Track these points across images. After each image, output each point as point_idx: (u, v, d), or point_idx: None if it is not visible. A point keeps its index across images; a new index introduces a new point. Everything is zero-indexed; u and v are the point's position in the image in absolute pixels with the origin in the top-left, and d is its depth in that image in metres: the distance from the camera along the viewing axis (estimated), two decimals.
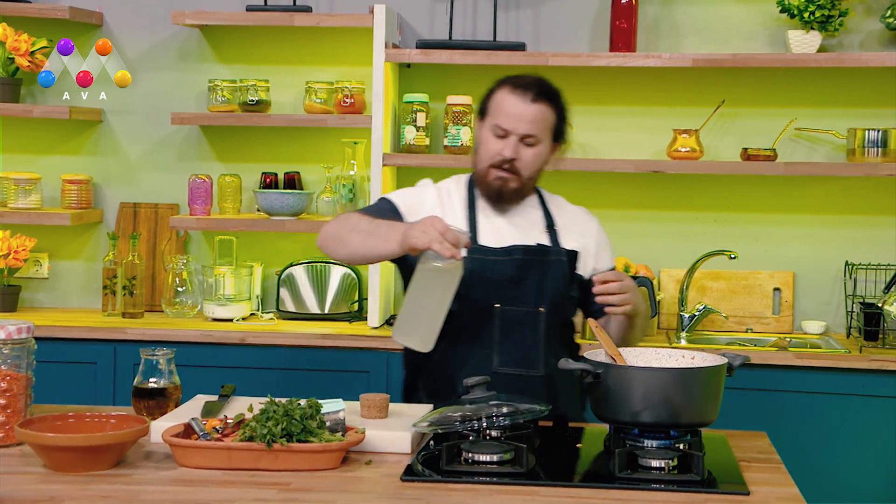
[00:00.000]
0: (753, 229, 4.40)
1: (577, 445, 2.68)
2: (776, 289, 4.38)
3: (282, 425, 2.40)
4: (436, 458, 2.48)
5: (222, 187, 4.49)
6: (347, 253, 2.94)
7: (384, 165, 4.23)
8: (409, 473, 2.39)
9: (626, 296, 2.86)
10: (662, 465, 2.38)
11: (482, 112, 3.04)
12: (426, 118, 4.33)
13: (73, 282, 4.68)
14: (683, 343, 4.16)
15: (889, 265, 4.27)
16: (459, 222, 3.01)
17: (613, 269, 3.12)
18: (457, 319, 2.93)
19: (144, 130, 4.64)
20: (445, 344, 2.95)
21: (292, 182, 4.48)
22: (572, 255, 3.03)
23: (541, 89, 2.97)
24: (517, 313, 2.96)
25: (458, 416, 2.52)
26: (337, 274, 4.43)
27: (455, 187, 3.12)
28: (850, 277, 4.27)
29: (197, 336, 4.14)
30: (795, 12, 4.18)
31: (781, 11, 4.22)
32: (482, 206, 3.06)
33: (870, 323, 4.02)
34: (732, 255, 4.19)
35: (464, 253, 2.77)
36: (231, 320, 4.32)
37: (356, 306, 4.40)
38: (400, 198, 3.08)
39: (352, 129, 4.37)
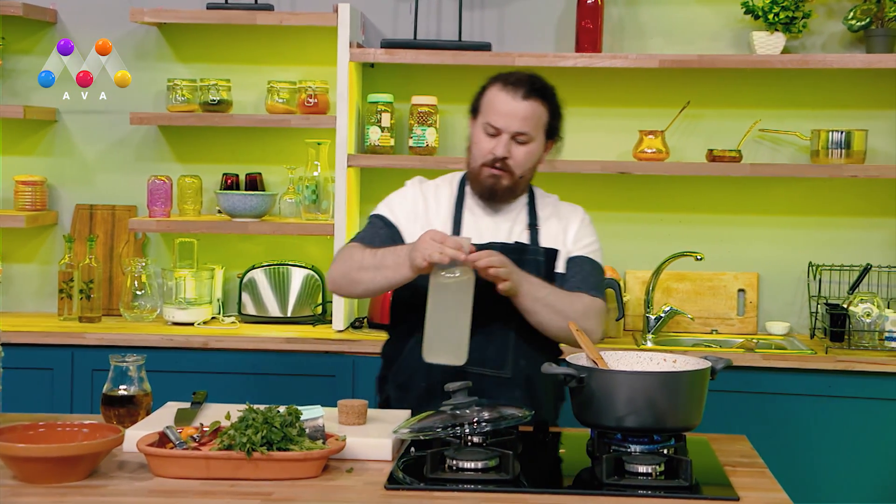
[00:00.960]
0: (718, 230, 4.40)
1: (561, 451, 2.64)
2: (741, 290, 4.38)
3: (262, 433, 2.34)
4: (417, 466, 2.44)
5: (182, 188, 4.41)
6: (363, 291, 2.96)
7: (349, 166, 4.17)
8: (393, 482, 2.35)
9: (503, 269, 2.77)
10: (649, 470, 2.36)
11: (475, 110, 3.02)
12: (391, 119, 4.28)
13: (27, 285, 4.58)
14: (650, 345, 4.14)
15: (853, 266, 4.28)
16: (444, 221, 3.00)
17: (591, 260, 3.04)
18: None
19: (101, 130, 4.54)
20: (416, 339, 2.92)
21: (254, 183, 4.41)
22: (550, 254, 3.00)
23: (532, 86, 2.95)
24: (489, 312, 2.90)
25: (439, 422, 2.48)
26: (299, 276, 4.36)
27: (446, 185, 3.09)
28: (815, 278, 4.28)
29: (158, 341, 4.06)
30: (760, 14, 4.18)
31: (746, 13, 4.22)
32: (470, 204, 3.03)
33: (836, 324, 4.03)
34: (699, 257, 4.19)
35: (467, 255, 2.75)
36: (192, 324, 4.24)
37: (320, 309, 4.34)
38: (388, 208, 3.07)
39: (315, 129, 4.31)
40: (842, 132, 4.15)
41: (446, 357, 2.77)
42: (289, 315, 4.35)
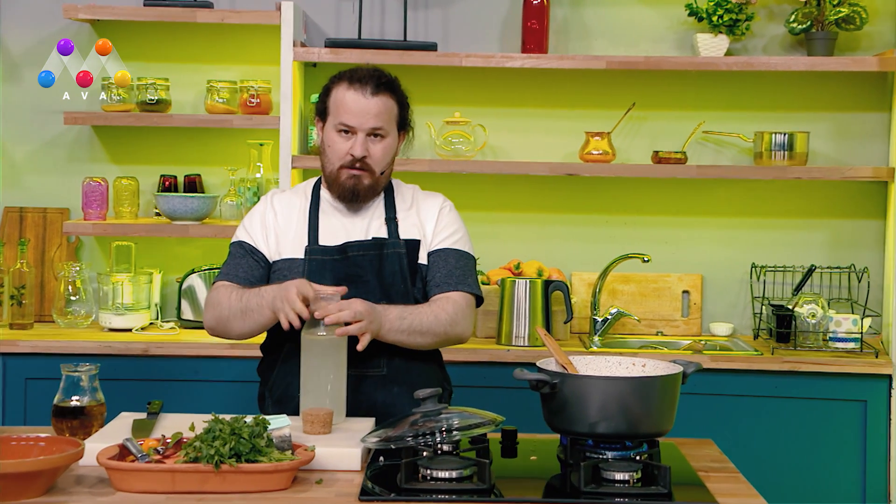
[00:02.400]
0: (663, 232, 4.40)
1: (532, 458, 2.60)
2: (685, 291, 4.38)
3: (230, 445, 2.26)
4: (387, 475, 2.38)
5: (118, 190, 4.29)
6: (238, 335, 2.93)
7: (293, 168, 4.09)
8: (367, 493, 2.28)
9: (361, 324, 2.70)
10: (626, 477, 2.32)
11: (322, 112, 2.97)
12: None
13: None
14: (596, 347, 4.12)
15: (795, 267, 4.31)
16: (297, 229, 2.96)
17: (456, 251, 2.98)
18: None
19: (30, 130, 4.40)
20: (287, 349, 2.90)
21: (193, 185, 4.31)
22: (412, 245, 2.95)
23: (379, 81, 2.92)
24: None
25: (409, 430, 2.42)
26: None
27: (299, 193, 3.05)
28: (758, 279, 4.30)
29: (95, 347, 3.93)
30: (704, 15, 4.19)
31: (690, 15, 4.23)
32: (326, 208, 3.00)
33: (782, 325, 4.05)
34: (646, 258, 4.18)
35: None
36: (130, 330, 4.12)
37: None
38: (244, 230, 3.03)
39: (257, 130, 4.22)
40: (784, 134, 4.17)
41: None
42: None
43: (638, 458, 2.44)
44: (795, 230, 4.38)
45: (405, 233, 2.96)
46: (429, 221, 3.01)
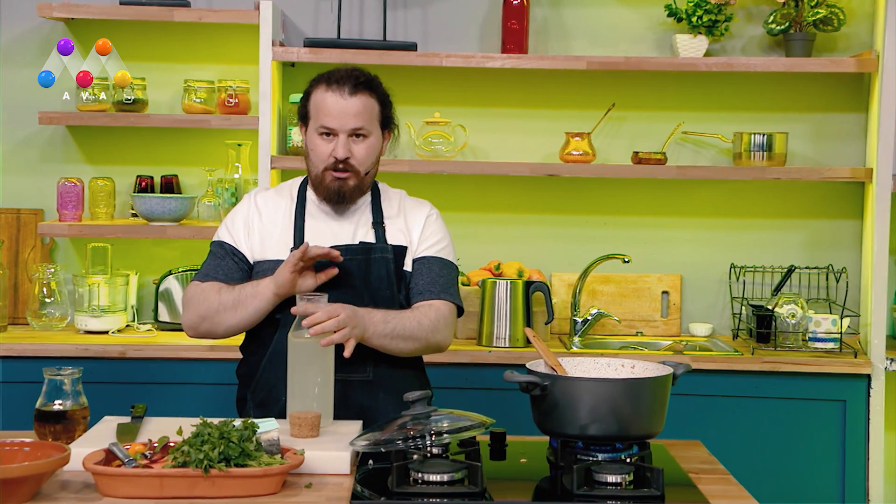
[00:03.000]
0: (642, 232, 4.39)
1: (522, 460, 2.58)
2: (664, 292, 4.38)
3: (219, 449, 2.23)
4: (377, 479, 2.36)
5: (94, 191, 4.24)
6: (227, 329, 2.90)
7: (272, 168, 4.06)
8: (358, 497, 2.26)
9: (345, 331, 2.69)
10: (619, 480, 2.31)
11: (304, 117, 2.95)
12: None
13: None
14: (577, 348, 4.11)
15: (774, 267, 4.32)
16: (283, 230, 2.94)
17: (440, 260, 2.98)
18: (279, 327, 2.87)
19: (4, 130, 4.34)
20: (269, 353, 2.89)
21: (170, 186, 4.27)
22: (399, 251, 2.93)
23: (357, 80, 2.90)
24: None
25: (399, 433, 2.40)
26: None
27: (284, 193, 3.02)
28: (738, 280, 4.31)
29: (72, 350, 3.89)
30: (683, 16, 4.19)
31: (669, 15, 4.23)
32: (312, 210, 2.98)
33: (762, 325, 4.06)
34: (626, 259, 4.18)
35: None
36: (106, 332, 4.07)
37: None
38: (225, 230, 3.00)
39: (235, 130, 4.18)
40: (763, 135, 4.18)
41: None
42: None
43: (628, 460, 2.42)
44: (773, 230, 4.39)
45: (392, 238, 2.94)
46: (415, 229, 2.99)
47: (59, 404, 2.57)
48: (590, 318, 4.21)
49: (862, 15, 4.30)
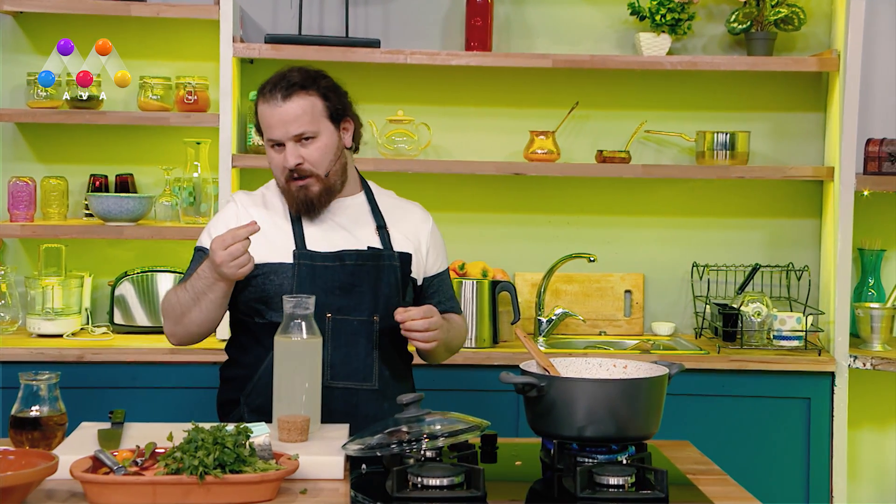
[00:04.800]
0: (605, 232, 4.38)
1: (517, 463, 2.54)
2: (627, 291, 4.37)
3: (214, 455, 2.16)
4: (372, 483, 2.30)
5: (46, 191, 4.11)
6: (200, 325, 2.81)
7: (233, 167, 3.97)
8: (357, 503, 2.20)
9: (433, 332, 2.74)
10: (621, 482, 2.27)
11: (260, 132, 2.89)
12: None
13: None
14: (542, 348, 4.08)
15: (736, 266, 4.33)
16: (278, 233, 2.85)
17: (447, 271, 3.04)
18: None
19: None
20: (270, 359, 2.76)
21: (125, 185, 4.16)
22: (405, 259, 2.89)
23: (288, 83, 2.81)
24: (350, 323, 2.81)
25: (393, 437, 2.35)
26: (175, 283, 4.11)
27: (275, 194, 2.94)
28: (700, 279, 4.31)
29: (26, 355, 3.77)
30: (647, 14, 4.18)
31: (632, 14, 4.21)
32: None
33: (728, 324, 4.06)
34: (592, 258, 4.16)
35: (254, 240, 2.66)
36: (61, 336, 3.96)
37: None
38: (209, 236, 2.88)
39: (194, 128, 4.08)
40: (726, 134, 4.18)
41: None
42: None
43: (624, 461, 2.39)
44: (734, 229, 4.40)
45: (397, 245, 2.89)
46: (423, 239, 2.96)
47: (37, 410, 2.48)
48: (554, 317, 4.18)
49: (819, 15, 4.33)
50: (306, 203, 2.83)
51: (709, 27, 4.36)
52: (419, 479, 2.25)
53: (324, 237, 2.84)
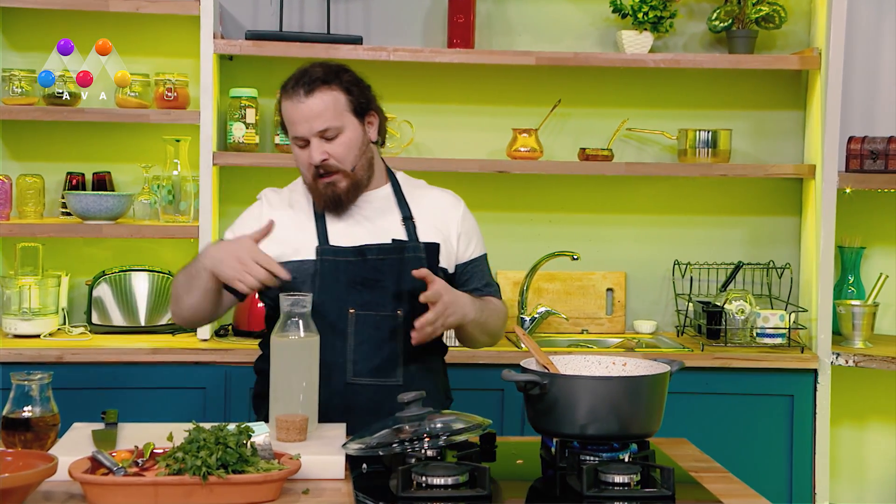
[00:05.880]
0: (587, 230, 4.36)
1: (518, 461, 2.52)
2: (609, 289, 4.36)
3: (216, 455, 2.12)
4: (373, 483, 2.27)
5: (22, 189, 4.04)
6: (191, 309, 2.77)
7: (214, 164, 3.92)
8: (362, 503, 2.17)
9: (438, 325, 2.70)
10: (627, 480, 2.25)
11: (284, 130, 2.85)
12: (255, 114, 4.06)
13: None
14: (524, 346, 4.06)
15: (717, 264, 4.33)
16: (306, 230, 2.82)
17: (483, 256, 2.99)
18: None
19: None
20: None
21: (103, 183, 4.10)
22: (433, 249, 2.84)
23: (311, 79, 2.78)
24: (373, 318, 2.77)
25: (394, 436, 2.32)
26: (153, 282, 4.07)
27: (300, 192, 2.91)
28: (682, 276, 4.31)
29: (5, 355, 3.71)
30: (629, 12, 4.17)
31: (614, 11, 4.20)
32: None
33: (712, 321, 4.06)
34: (575, 256, 4.15)
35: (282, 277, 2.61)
36: (38, 336, 3.89)
37: None
38: (233, 234, 2.86)
39: (173, 125, 4.02)
40: (708, 132, 4.18)
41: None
42: (143, 324, 4.05)
43: (626, 459, 2.38)
44: (715, 227, 4.40)
45: (424, 235, 2.84)
46: (452, 226, 2.92)
47: (29, 411, 2.42)
48: (537, 315, 4.16)
49: (799, 13, 4.34)
50: (334, 199, 2.79)
51: (689, 25, 4.36)
52: (424, 479, 2.22)
53: (347, 232, 2.81)
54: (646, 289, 4.40)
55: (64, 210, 4.09)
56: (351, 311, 2.76)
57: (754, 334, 4.03)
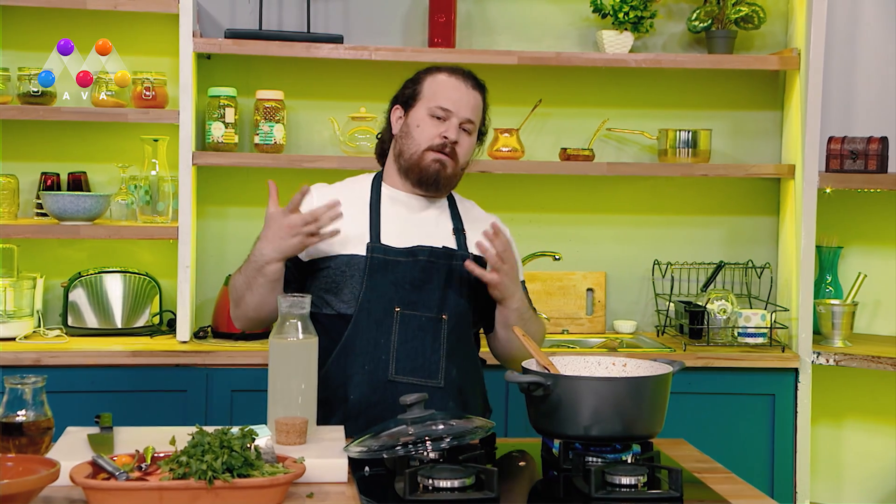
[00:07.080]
0: (567, 230, 4.35)
1: (521, 463, 2.50)
2: (589, 289, 4.35)
3: (221, 459, 2.08)
4: (377, 486, 2.24)
5: None
6: (254, 311, 2.81)
7: (194, 164, 3.87)
8: None
9: (494, 258, 2.76)
10: (634, 481, 2.24)
11: (412, 98, 2.89)
12: (235, 114, 4.01)
13: None
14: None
15: (696, 263, 4.33)
16: (359, 226, 2.82)
17: (522, 283, 3.00)
18: (353, 323, 2.75)
19: None
20: (339, 349, 2.75)
21: (78, 183, 4.04)
22: (480, 262, 2.84)
23: (476, 80, 2.93)
24: (418, 319, 2.77)
25: (398, 439, 2.29)
26: (131, 284, 4.01)
27: (357, 186, 2.93)
28: (663, 276, 4.31)
29: None
30: (610, 12, 4.17)
31: (594, 11, 4.20)
32: (387, 205, 2.88)
33: (694, 321, 4.06)
34: (557, 257, 4.14)
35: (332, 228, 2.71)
36: (14, 339, 3.82)
37: (158, 318, 4.01)
38: None
39: (151, 125, 3.96)
40: (689, 132, 4.19)
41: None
42: (120, 326, 3.99)
43: (629, 460, 2.36)
44: (694, 227, 4.41)
45: (473, 248, 2.86)
46: None
47: (23, 415, 2.36)
48: None
49: (775, 13, 4.35)
50: (434, 175, 2.85)
51: (669, 25, 4.37)
52: (430, 482, 2.19)
53: (400, 232, 2.83)
54: (625, 289, 4.40)
55: (39, 211, 4.03)
56: (397, 308, 2.77)
57: (735, 334, 4.04)
